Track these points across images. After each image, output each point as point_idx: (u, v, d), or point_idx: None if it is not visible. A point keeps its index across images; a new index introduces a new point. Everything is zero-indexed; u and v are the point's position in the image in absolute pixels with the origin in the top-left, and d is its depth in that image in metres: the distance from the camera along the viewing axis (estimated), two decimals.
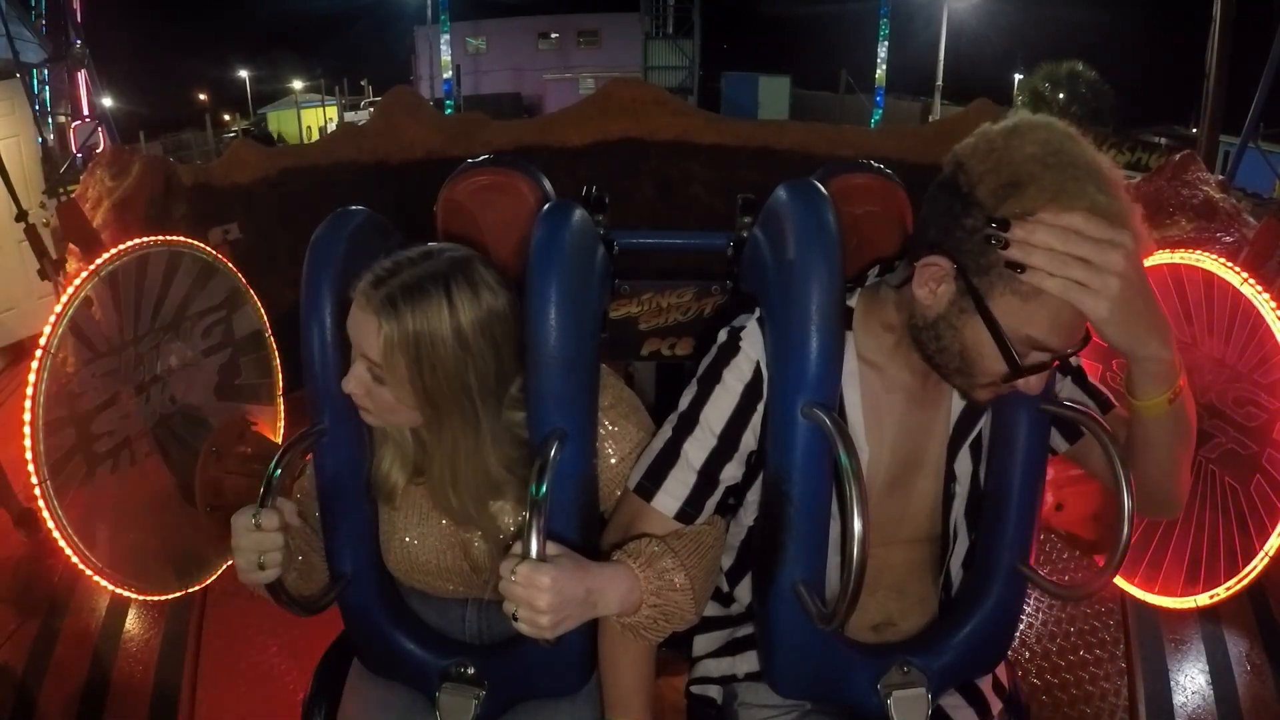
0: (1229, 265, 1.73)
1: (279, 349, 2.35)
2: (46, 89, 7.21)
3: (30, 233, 2.89)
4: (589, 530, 1.09)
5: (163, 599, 2.00)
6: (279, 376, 2.36)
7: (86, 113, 7.82)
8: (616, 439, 1.12)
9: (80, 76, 7.65)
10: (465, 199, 1.32)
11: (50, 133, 6.88)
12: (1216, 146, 6.17)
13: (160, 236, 1.96)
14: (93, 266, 1.78)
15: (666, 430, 1.09)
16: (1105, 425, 0.97)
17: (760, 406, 1.05)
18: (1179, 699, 1.90)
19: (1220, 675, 1.95)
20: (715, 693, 1.23)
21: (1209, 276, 1.77)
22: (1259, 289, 1.67)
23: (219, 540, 2.06)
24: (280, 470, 0.99)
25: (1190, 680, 1.95)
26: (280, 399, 2.36)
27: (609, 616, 1.01)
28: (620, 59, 26.36)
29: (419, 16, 25.11)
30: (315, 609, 1.09)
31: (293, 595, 1.04)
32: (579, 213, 1.08)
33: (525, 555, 0.88)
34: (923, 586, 1.16)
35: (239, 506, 0.98)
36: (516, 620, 0.89)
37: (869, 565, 0.88)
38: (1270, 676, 1.94)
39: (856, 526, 0.86)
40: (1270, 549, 1.69)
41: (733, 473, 1.08)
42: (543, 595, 0.87)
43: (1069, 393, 1.09)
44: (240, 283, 2.22)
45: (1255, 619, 2.06)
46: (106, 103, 8.11)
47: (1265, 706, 1.89)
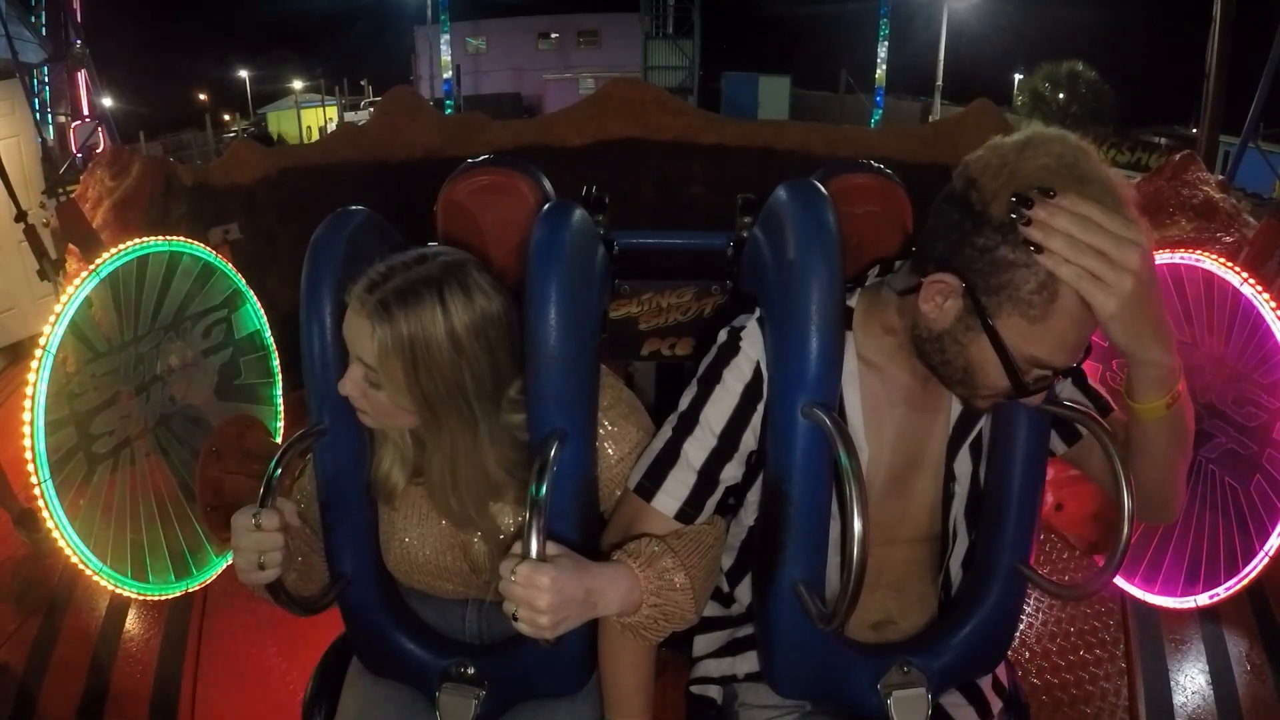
0: (1229, 265, 1.73)
1: (279, 349, 2.35)
2: (46, 89, 7.21)
3: (30, 233, 2.89)
4: (589, 530, 1.09)
5: (163, 599, 2.00)
6: (279, 376, 2.36)
7: (86, 113, 7.82)
8: (616, 439, 1.12)
9: (80, 76, 7.65)
10: (465, 199, 1.32)
11: (50, 133, 6.87)
12: (1216, 146, 6.17)
13: (160, 236, 1.96)
14: (93, 266, 1.78)
15: (666, 430, 1.09)
16: (1105, 425, 0.97)
17: (760, 406, 1.05)
18: (1179, 699, 1.90)
19: (1220, 675, 1.95)
20: (715, 693, 1.23)
21: (1209, 276, 1.77)
22: (1259, 289, 1.68)
23: (219, 540, 2.06)
24: (280, 470, 0.99)
25: (1190, 680, 1.95)
26: (280, 399, 2.36)
27: (609, 616, 1.01)
28: (620, 59, 26.38)
29: (419, 16, 25.12)
30: (315, 609, 1.09)
31: (293, 595, 1.04)
32: (579, 213, 1.07)
33: (525, 555, 0.88)
34: (922, 585, 1.16)
35: (239, 506, 0.98)
36: (516, 620, 0.89)
37: (869, 564, 0.88)
38: (1270, 676, 1.94)
39: (856, 526, 0.87)
40: (1270, 549, 1.69)
41: (733, 473, 1.08)
42: (543, 595, 0.87)
43: (1069, 394, 1.09)
44: (240, 283, 2.22)
45: (1255, 619, 2.06)
46: (106, 103, 8.11)
47: (1265, 706, 1.89)
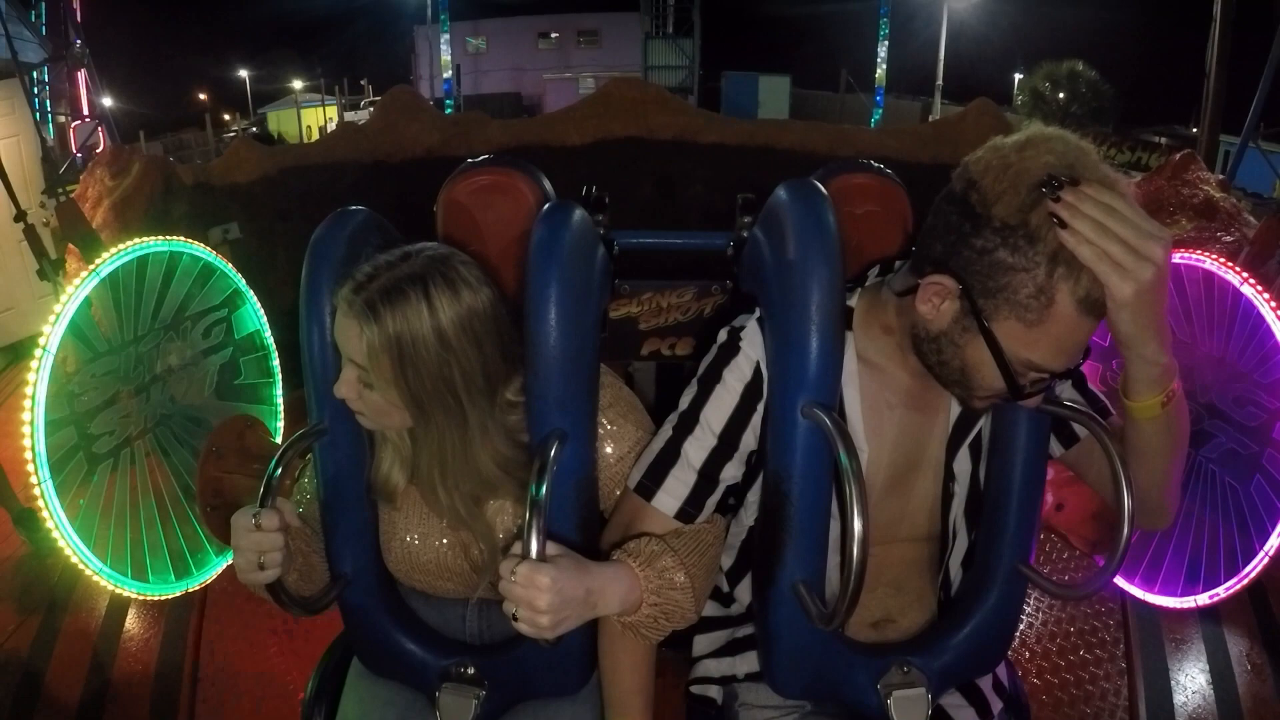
0: (1229, 265, 1.73)
1: (279, 348, 2.35)
2: (46, 89, 7.20)
3: (29, 233, 2.89)
4: (589, 530, 1.09)
5: (163, 599, 2.00)
6: (279, 376, 2.36)
7: (86, 113, 7.82)
8: (615, 438, 1.12)
9: (80, 76, 7.65)
10: (465, 199, 1.32)
11: (50, 133, 6.87)
12: (1216, 146, 6.18)
13: (160, 237, 1.96)
14: (92, 267, 1.78)
15: (667, 430, 1.09)
16: (1105, 424, 0.97)
17: (760, 406, 1.05)
18: (1179, 698, 1.90)
19: (1221, 674, 1.95)
20: (715, 693, 1.23)
21: (1209, 276, 1.77)
22: (1259, 289, 1.68)
23: (219, 540, 2.06)
24: (280, 470, 0.99)
25: (1191, 680, 1.95)
26: (280, 399, 2.36)
27: (609, 616, 1.01)
28: (620, 59, 26.38)
29: (419, 16, 25.11)
30: (315, 609, 1.09)
31: (293, 595, 1.04)
32: (579, 213, 1.07)
33: (525, 555, 0.88)
34: (922, 583, 1.16)
35: (239, 506, 0.98)
36: (516, 620, 0.89)
37: (869, 564, 0.88)
38: (1271, 676, 1.94)
39: (856, 526, 0.87)
40: (1270, 549, 1.69)
41: (733, 472, 1.08)
42: (543, 595, 0.87)
43: (1068, 396, 1.09)
44: (240, 283, 2.22)
45: (1255, 618, 2.06)
46: (106, 102, 8.10)
47: (1266, 706, 1.89)
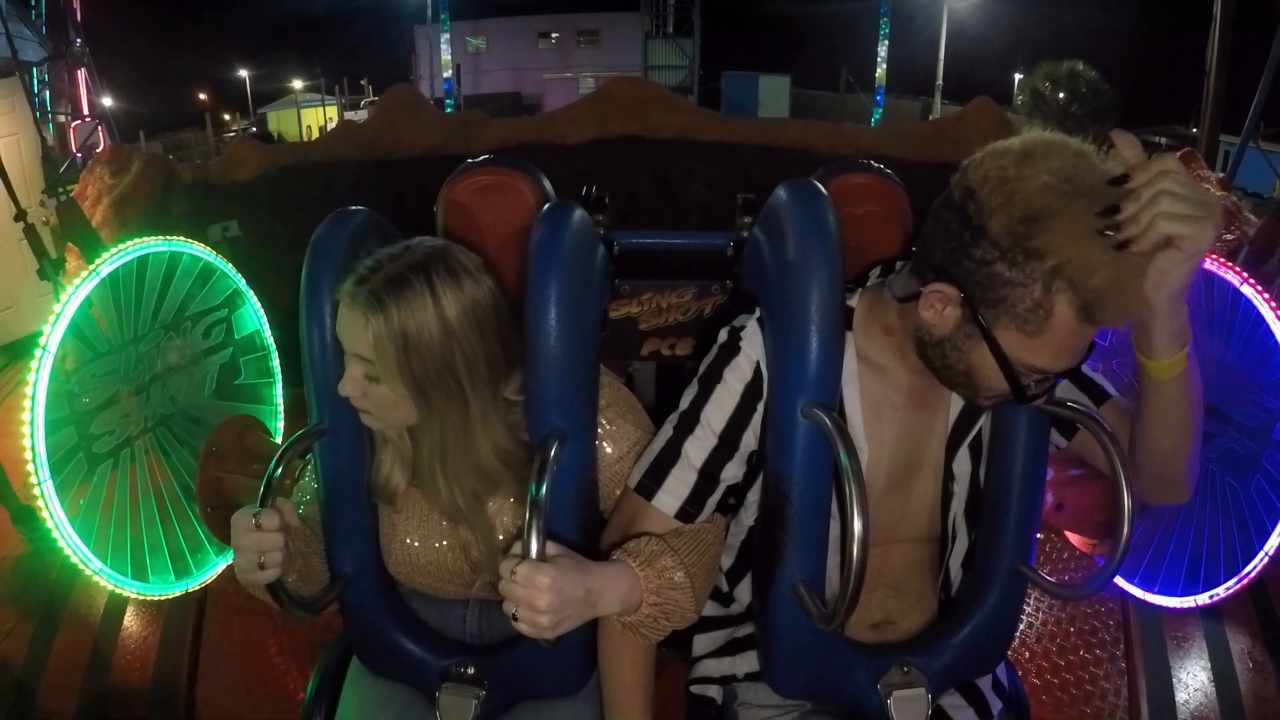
0: (1229, 265, 1.73)
1: (279, 347, 2.35)
2: (46, 88, 7.20)
3: (30, 232, 2.89)
4: (589, 530, 1.09)
5: (162, 599, 1.99)
6: (279, 376, 2.36)
7: (86, 112, 7.81)
8: (614, 438, 1.12)
9: (80, 75, 7.64)
10: (465, 199, 1.32)
11: (50, 132, 6.87)
12: (1217, 146, 6.18)
13: (160, 237, 1.96)
14: (92, 267, 1.78)
15: (667, 430, 1.10)
16: (1105, 424, 0.97)
17: (760, 406, 1.05)
18: (1181, 696, 1.90)
19: (1222, 672, 1.95)
20: (715, 693, 1.23)
21: (1209, 276, 1.77)
22: (1259, 289, 1.67)
23: (219, 540, 2.06)
24: (280, 470, 0.99)
25: (1192, 677, 1.95)
26: (280, 399, 2.36)
27: (609, 616, 1.01)
28: (620, 58, 26.38)
29: (419, 16, 25.08)
30: (315, 610, 1.09)
31: (293, 595, 1.04)
32: (579, 213, 1.08)
33: (525, 555, 0.88)
34: (922, 585, 1.16)
35: (239, 506, 0.98)
36: (516, 620, 0.89)
37: (869, 564, 0.88)
38: (1273, 673, 1.94)
39: (856, 526, 0.87)
40: (1270, 549, 1.69)
41: (733, 472, 1.08)
42: (543, 595, 0.87)
43: (1063, 388, 1.09)
44: (240, 283, 2.22)
45: (1257, 616, 2.06)
46: (106, 102, 8.10)
47: (1268, 703, 1.88)
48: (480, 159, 1.35)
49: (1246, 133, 5.43)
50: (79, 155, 6.72)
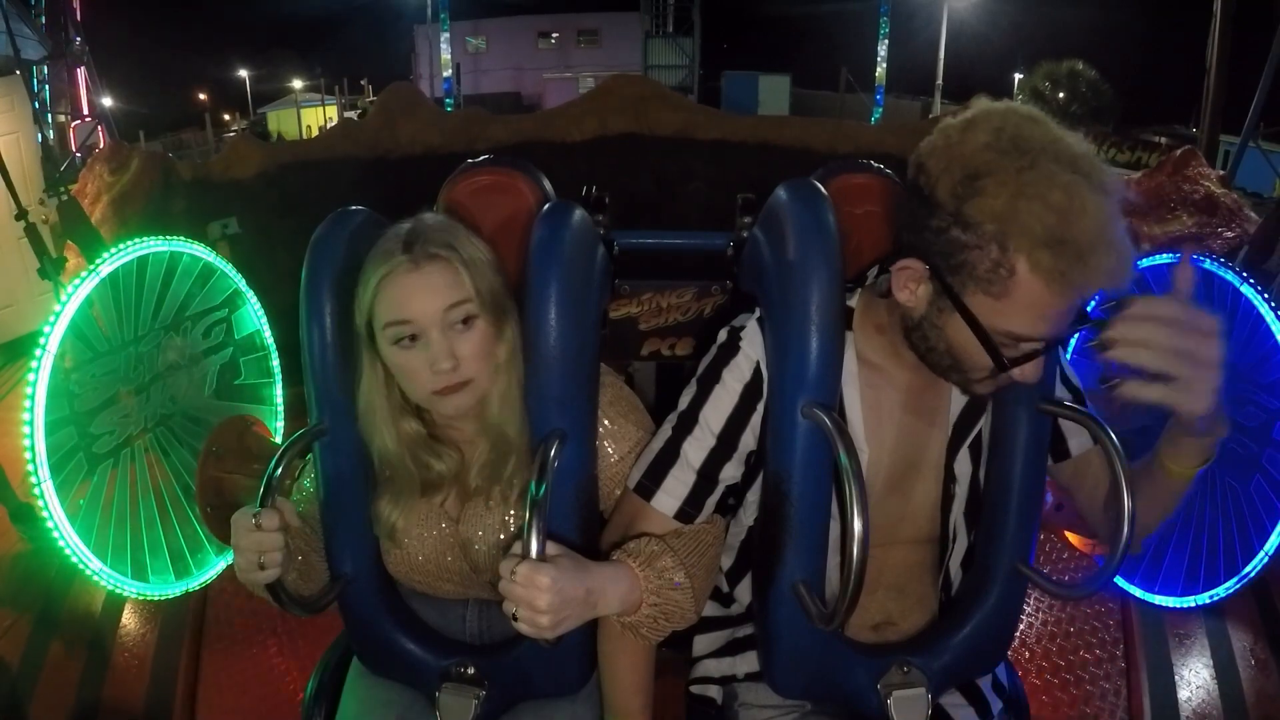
0: (1229, 265, 1.73)
1: (278, 345, 2.34)
2: (46, 88, 7.20)
3: (31, 231, 2.88)
4: (589, 530, 1.09)
5: (162, 599, 1.99)
6: (279, 376, 2.36)
7: (86, 112, 7.82)
8: (615, 438, 1.12)
9: (80, 75, 7.65)
10: (465, 199, 1.32)
11: (50, 131, 6.87)
12: (1217, 145, 6.17)
13: (160, 237, 1.96)
14: (92, 267, 1.78)
15: (666, 430, 1.10)
16: (1106, 427, 0.97)
17: (760, 406, 1.05)
18: (1183, 693, 1.90)
19: (1225, 669, 1.95)
20: (715, 693, 1.23)
21: (1209, 276, 1.77)
22: (1258, 289, 1.68)
23: (219, 540, 2.06)
24: (280, 470, 0.99)
25: (1195, 674, 1.94)
26: (280, 399, 2.36)
27: (609, 616, 1.01)
28: (620, 58, 26.38)
29: (419, 16, 25.10)
30: (315, 609, 1.08)
31: (293, 595, 1.04)
32: (579, 213, 1.08)
33: (525, 555, 0.88)
34: (922, 586, 1.16)
35: (239, 506, 0.98)
36: (516, 620, 0.89)
37: (869, 565, 0.88)
38: (1275, 671, 1.94)
39: (856, 526, 0.87)
40: (1270, 549, 1.69)
41: (732, 472, 1.08)
42: (543, 595, 0.87)
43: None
44: (240, 282, 2.22)
45: (1259, 614, 2.06)
46: (106, 102, 8.10)
47: (1270, 701, 1.88)
48: (480, 159, 1.35)
49: (1246, 132, 5.43)
50: (79, 155, 6.72)
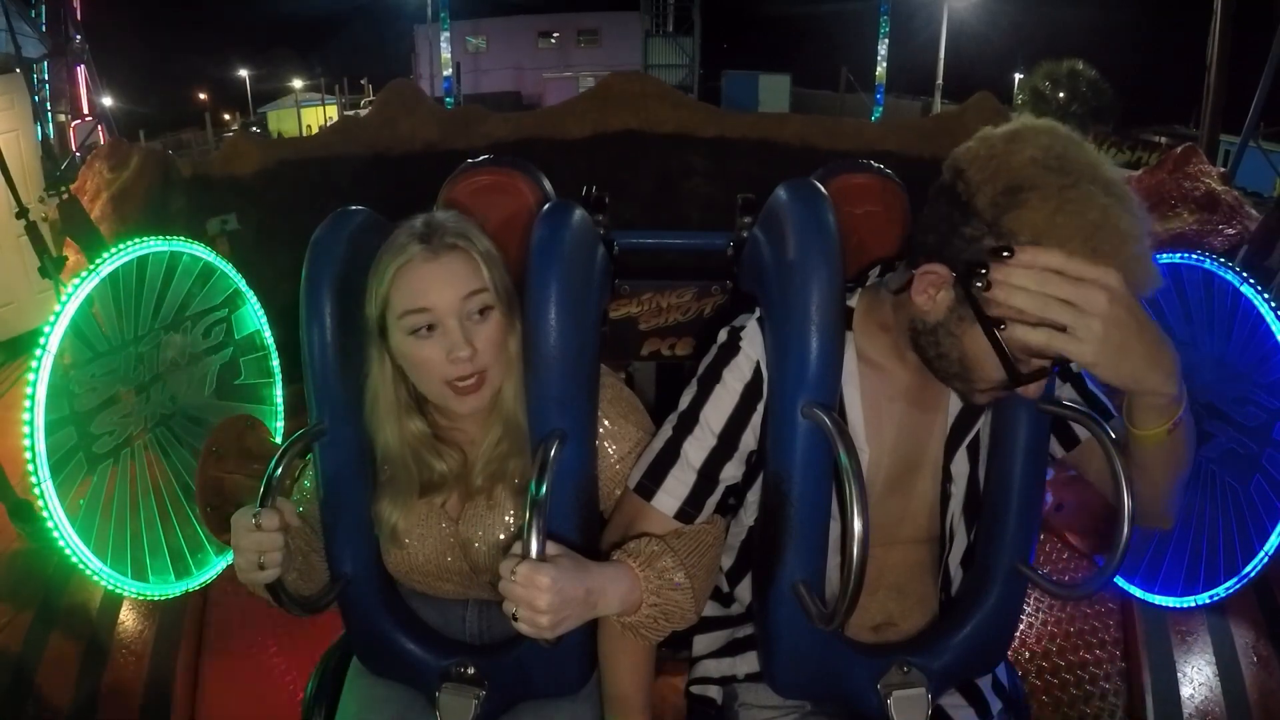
0: (1229, 265, 1.73)
1: (277, 343, 2.34)
2: (46, 87, 7.20)
3: (31, 229, 2.88)
4: (589, 530, 1.09)
5: (162, 599, 1.99)
6: (279, 376, 2.36)
7: (86, 111, 7.81)
8: (615, 438, 1.12)
9: (80, 74, 7.65)
10: (465, 199, 1.32)
11: (50, 129, 6.87)
12: (1217, 144, 6.17)
13: (160, 237, 1.96)
14: (93, 267, 1.78)
15: (666, 430, 1.09)
16: (1105, 426, 0.97)
17: (760, 406, 1.05)
18: (1186, 690, 1.90)
19: (1227, 667, 1.94)
20: (715, 693, 1.23)
21: (1209, 276, 1.77)
22: (1259, 288, 1.68)
23: (219, 540, 2.06)
24: (280, 470, 0.99)
25: (1197, 672, 1.94)
26: (280, 399, 2.36)
27: (609, 616, 1.01)
28: (620, 58, 26.36)
29: (419, 15, 25.08)
30: (315, 609, 1.08)
31: (293, 595, 1.04)
32: (579, 213, 1.08)
33: (525, 555, 0.88)
34: (923, 587, 1.16)
35: (239, 506, 0.98)
36: (516, 620, 0.89)
37: (869, 565, 0.88)
38: (1277, 668, 1.94)
39: (856, 526, 0.86)
40: (1270, 549, 1.69)
41: (732, 472, 1.08)
42: (543, 595, 0.87)
43: (1068, 397, 1.08)
44: (240, 282, 2.22)
45: (1261, 611, 2.06)
46: (106, 101, 8.10)
47: (1273, 697, 1.88)
48: (480, 159, 1.35)
49: (1247, 132, 5.43)
50: (78, 154, 6.72)
